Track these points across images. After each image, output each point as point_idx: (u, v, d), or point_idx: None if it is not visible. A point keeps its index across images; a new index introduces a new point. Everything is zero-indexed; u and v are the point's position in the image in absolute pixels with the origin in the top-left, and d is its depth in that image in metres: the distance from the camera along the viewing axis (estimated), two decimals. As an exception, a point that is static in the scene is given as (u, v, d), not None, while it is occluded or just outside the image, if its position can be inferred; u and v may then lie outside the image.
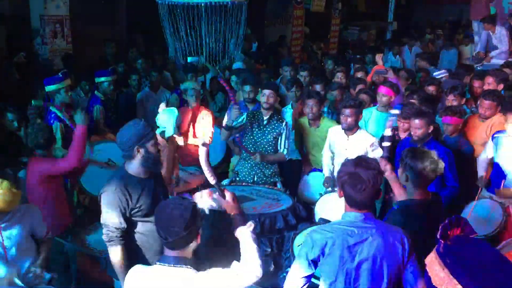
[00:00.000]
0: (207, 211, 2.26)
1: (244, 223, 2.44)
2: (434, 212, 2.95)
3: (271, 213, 3.76)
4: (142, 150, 2.97)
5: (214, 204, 2.28)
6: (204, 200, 2.26)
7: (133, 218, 3.01)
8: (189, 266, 2.22)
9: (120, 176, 3.02)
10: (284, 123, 4.68)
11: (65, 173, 3.88)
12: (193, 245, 2.26)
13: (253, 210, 3.77)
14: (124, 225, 2.96)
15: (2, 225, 3.03)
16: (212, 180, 2.59)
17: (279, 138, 4.64)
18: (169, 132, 4.13)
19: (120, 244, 2.95)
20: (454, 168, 4.07)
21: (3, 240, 3.05)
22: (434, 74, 7.02)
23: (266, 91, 4.62)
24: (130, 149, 2.96)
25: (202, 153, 2.70)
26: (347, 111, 4.40)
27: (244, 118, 4.62)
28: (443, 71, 7.16)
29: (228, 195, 2.51)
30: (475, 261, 1.66)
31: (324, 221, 3.79)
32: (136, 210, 2.99)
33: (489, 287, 1.57)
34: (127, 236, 2.99)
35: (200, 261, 2.37)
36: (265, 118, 4.66)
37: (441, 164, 2.94)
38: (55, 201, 3.81)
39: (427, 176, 2.90)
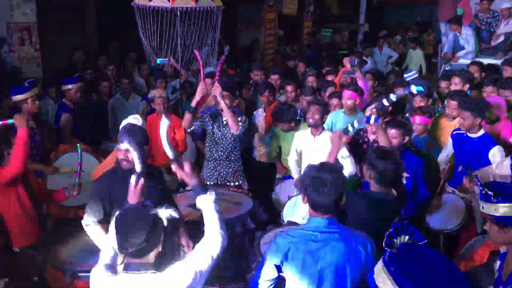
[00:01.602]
0: (165, 222, 2.23)
1: (204, 192, 2.56)
2: (388, 210, 3.00)
3: (228, 219, 3.78)
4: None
5: (174, 214, 2.26)
6: (163, 209, 2.24)
7: (114, 209, 3.12)
8: (152, 271, 2.20)
9: (115, 168, 3.28)
10: (242, 119, 4.70)
11: (11, 179, 3.65)
12: (154, 253, 2.24)
13: None
14: (101, 215, 3.19)
15: None
16: (171, 155, 2.95)
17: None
18: None
19: (97, 225, 3.20)
20: (426, 178, 4.18)
21: None
22: (404, 75, 7.13)
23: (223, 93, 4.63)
24: None
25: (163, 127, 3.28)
26: (313, 108, 4.46)
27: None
28: (413, 72, 7.26)
29: (186, 166, 2.68)
30: (422, 269, 1.67)
31: (292, 223, 3.83)
32: (118, 202, 3.09)
33: None
34: (105, 223, 3.16)
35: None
36: (224, 118, 4.70)
37: (403, 166, 3.07)
38: (16, 212, 3.69)
39: (388, 174, 2.97)
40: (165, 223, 2.21)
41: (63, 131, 5.38)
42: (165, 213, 2.21)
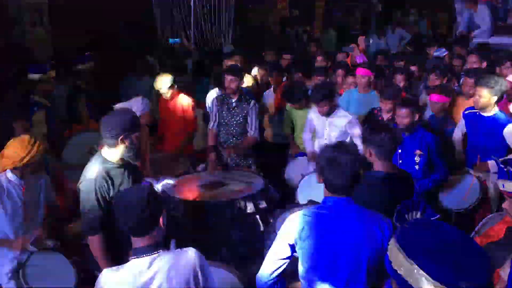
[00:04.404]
0: (159, 188, 2.24)
1: None
2: (399, 187, 2.98)
3: (241, 198, 3.83)
4: (127, 141, 2.92)
5: (171, 181, 2.27)
6: (158, 181, 2.26)
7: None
8: (161, 250, 2.20)
9: (99, 162, 2.97)
10: (252, 103, 4.72)
11: None
12: (158, 229, 2.22)
13: (223, 197, 3.86)
14: (104, 212, 2.90)
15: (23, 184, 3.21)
16: None
17: (248, 118, 4.70)
18: None
19: (100, 233, 2.91)
20: (441, 153, 4.11)
21: (24, 200, 3.19)
22: (435, 53, 6.98)
23: (228, 77, 4.64)
24: (115, 137, 2.89)
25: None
26: (321, 103, 4.44)
27: None
28: (443, 50, 7.07)
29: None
30: (434, 243, 1.63)
31: (313, 203, 3.81)
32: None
33: (448, 265, 1.54)
34: (108, 224, 2.92)
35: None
36: (233, 100, 4.71)
37: (399, 134, 3.06)
38: None
39: (387, 146, 2.96)
40: (160, 190, 2.21)
41: (79, 112, 5.40)
42: (160, 184, 2.23)
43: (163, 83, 5.24)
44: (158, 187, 2.24)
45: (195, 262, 2.20)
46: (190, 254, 2.22)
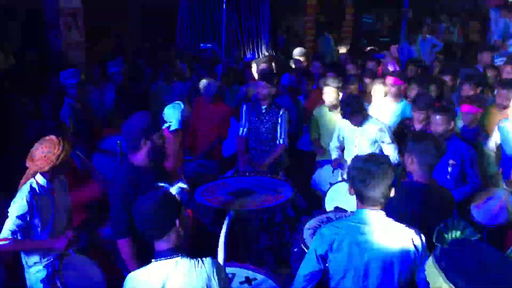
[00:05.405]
0: (174, 191, 2.29)
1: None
2: (433, 199, 2.89)
3: (269, 207, 3.82)
4: (148, 142, 2.96)
5: (184, 186, 2.31)
6: (173, 186, 2.30)
7: None
8: (183, 254, 2.22)
9: (126, 167, 3.02)
10: (282, 110, 4.70)
11: None
12: (177, 231, 2.25)
13: (252, 206, 3.85)
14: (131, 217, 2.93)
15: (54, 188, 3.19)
16: None
17: (277, 126, 4.69)
18: (174, 125, 4.21)
19: (129, 236, 2.93)
20: (475, 165, 3.99)
21: (56, 204, 3.18)
22: (496, 60, 6.81)
23: (260, 83, 4.68)
24: (136, 141, 2.96)
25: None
26: (354, 118, 4.40)
27: None
28: (504, 58, 6.89)
29: None
30: (474, 265, 1.60)
31: (339, 209, 3.79)
32: None
33: None
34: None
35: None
36: (263, 107, 4.73)
37: (444, 144, 2.98)
38: None
39: (431, 153, 2.87)
40: (177, 196, 2.25)
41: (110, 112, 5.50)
42: (174, 188, 2.26)
43: (212, 88, 5.31)
44: (172, 191, 2.30)
45: (209, 274, 2.20)
46: (206, 265, 2.22)
